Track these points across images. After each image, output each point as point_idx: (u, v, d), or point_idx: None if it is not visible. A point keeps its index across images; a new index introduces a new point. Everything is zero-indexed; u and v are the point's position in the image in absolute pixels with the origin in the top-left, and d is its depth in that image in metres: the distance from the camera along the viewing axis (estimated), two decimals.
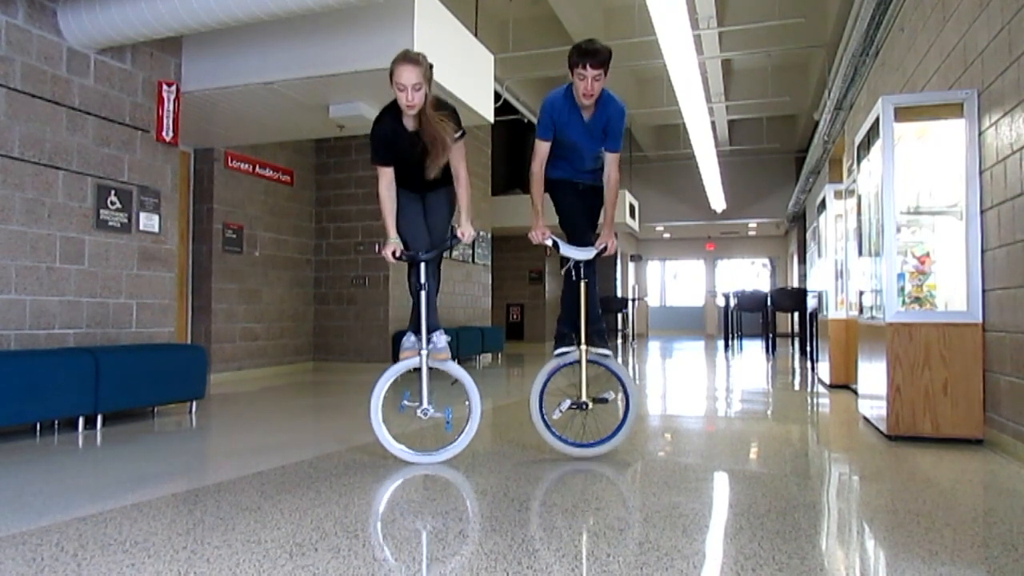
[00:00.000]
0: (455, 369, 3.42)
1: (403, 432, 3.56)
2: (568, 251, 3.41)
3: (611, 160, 3.50)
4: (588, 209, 3.63)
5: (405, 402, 3.34)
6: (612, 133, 3.43)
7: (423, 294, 3.34)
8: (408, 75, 3.12)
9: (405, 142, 3.31)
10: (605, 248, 3.41)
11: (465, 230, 3.38)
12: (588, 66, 3.16)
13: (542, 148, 3.46)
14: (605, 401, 3.45)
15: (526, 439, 3.94)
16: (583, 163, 3.56)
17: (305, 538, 2.19)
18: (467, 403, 3.40)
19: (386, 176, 3.36)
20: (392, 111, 3.31)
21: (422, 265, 3.34)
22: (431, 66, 3.22)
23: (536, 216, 3.46)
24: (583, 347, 3.40)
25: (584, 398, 3.39)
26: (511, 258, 14.95)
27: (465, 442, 3.37)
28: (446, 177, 3.42)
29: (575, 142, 3.46)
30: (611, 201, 3.53)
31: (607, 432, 3.49)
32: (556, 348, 3.53)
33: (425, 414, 3.32)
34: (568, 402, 3.41)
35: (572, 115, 3.39)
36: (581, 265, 3.39)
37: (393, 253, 3.33)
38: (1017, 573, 1.96)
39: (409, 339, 3.44)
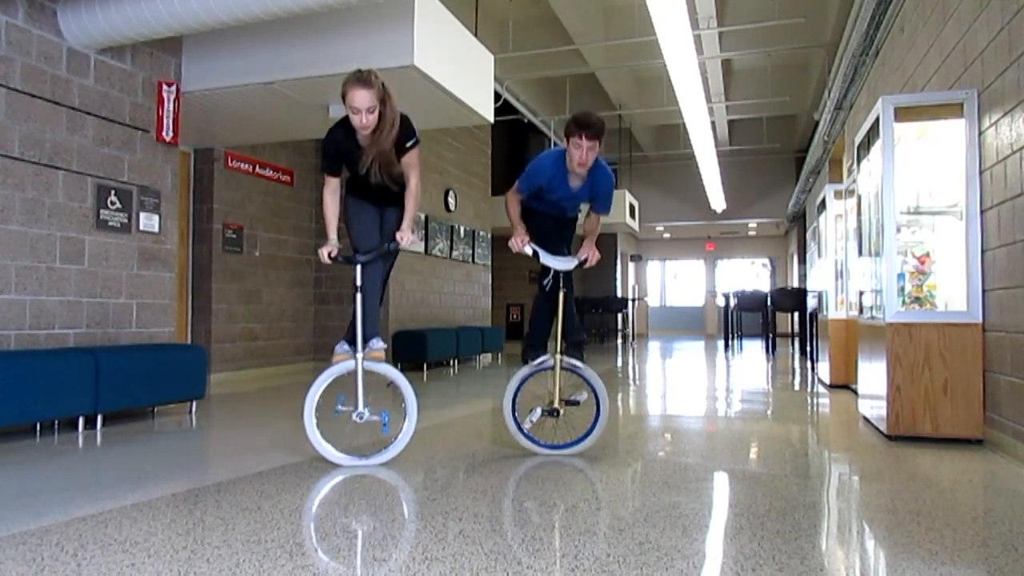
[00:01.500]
0: (389, 371, 3.39)
1: (340, 434, 3.45)
2: (548, 260, 3.43)
3: (594, 217, 3.70)
4: (562, 231, 3.76)
5: (340, 407, 3.29)
6: (600, 198, 3.58)
7: (359, 297, 3.28)
8: (361, 98, 3.04)
9: (357, 157, 3.26)
10: (586, 259, 3.46)
11: (404, 235, 3.31)
12: (584, 137, 3.25)
13: (519, 196, 3.59)
14: (577, 403, 3.47)
15: None
16: (563, 212, 3.71)
17: (305, 538, 2.19)
18: (403, 405, 3.36)
19: (331, 184, 3.35)
20: (346, 126, 3.23)
21: (358, 268, 3.29)
22: (384, 85, 3.13)
23: (514, 225, 3.54)
24: (558, 355, 3.43)
25: (556, 404, 3.42)
26: (511, 258, 14.90)
27: (402, 445, 3.33)
28: (403, 195, 3.40)
29: (558, 202, 3.61)
30: (592, 230, 3.69)
31: (578, 434, 3.50)
32: (526, 361, 3.57)
33: (361, 418, 3.26)
34: (540, 411, 3.43)
35: (560, 180, 3.48)
36: (560, 275, 3.47)
37: (329, 254, 3.27)
38: (1017, 573, 1.96)
39: (343, 344, 3.41)
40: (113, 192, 4.82)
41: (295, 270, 8.47)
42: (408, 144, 3.26)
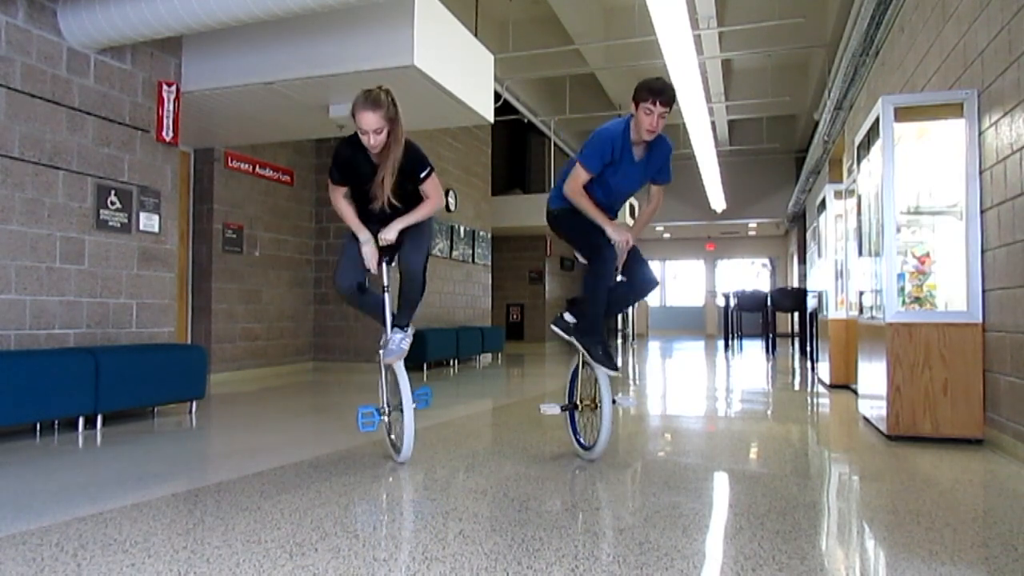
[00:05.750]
0: (398, 372, 3.35)
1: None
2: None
3: (657, 190, 3.62)
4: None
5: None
6: (665, 168, 3.51)
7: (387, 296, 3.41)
8: (368, 121, 3.02)
9: (367, 171, 3.22)
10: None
11: (389, 230, 3.22)
12: (658, 103, 3.19)
13: (584, 175, 3.31)
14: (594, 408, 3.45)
15: (526, 439, 3.94)
16: (617, 199, 3.56)
17: (305, 538, 2.19)
18: (400, 410, 3.28)
19: (339, 190, 3.33)
20: (356, 141, 3.19)
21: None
22: (394, 103, 3.10)
23: (599, 216, 3.32)
24: (580, 349, 3.49)
25: (567, 402, 3.55)
26: (511, 258, 14.94)
27: (406, 453, 3.22)
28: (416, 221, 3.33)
29: (620, 181, 3.42)
30: (649, 210, 3.63)
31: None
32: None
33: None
34: (558, 407, 3.49)
35: (626, 153, 3.36)
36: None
37: (380, 261, 3.28)
38: (1017, 573, 1.96)
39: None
40: (113, 192, 4.82)
41: (295, 270, 8.47)
42: (423, 174, 3.22)
